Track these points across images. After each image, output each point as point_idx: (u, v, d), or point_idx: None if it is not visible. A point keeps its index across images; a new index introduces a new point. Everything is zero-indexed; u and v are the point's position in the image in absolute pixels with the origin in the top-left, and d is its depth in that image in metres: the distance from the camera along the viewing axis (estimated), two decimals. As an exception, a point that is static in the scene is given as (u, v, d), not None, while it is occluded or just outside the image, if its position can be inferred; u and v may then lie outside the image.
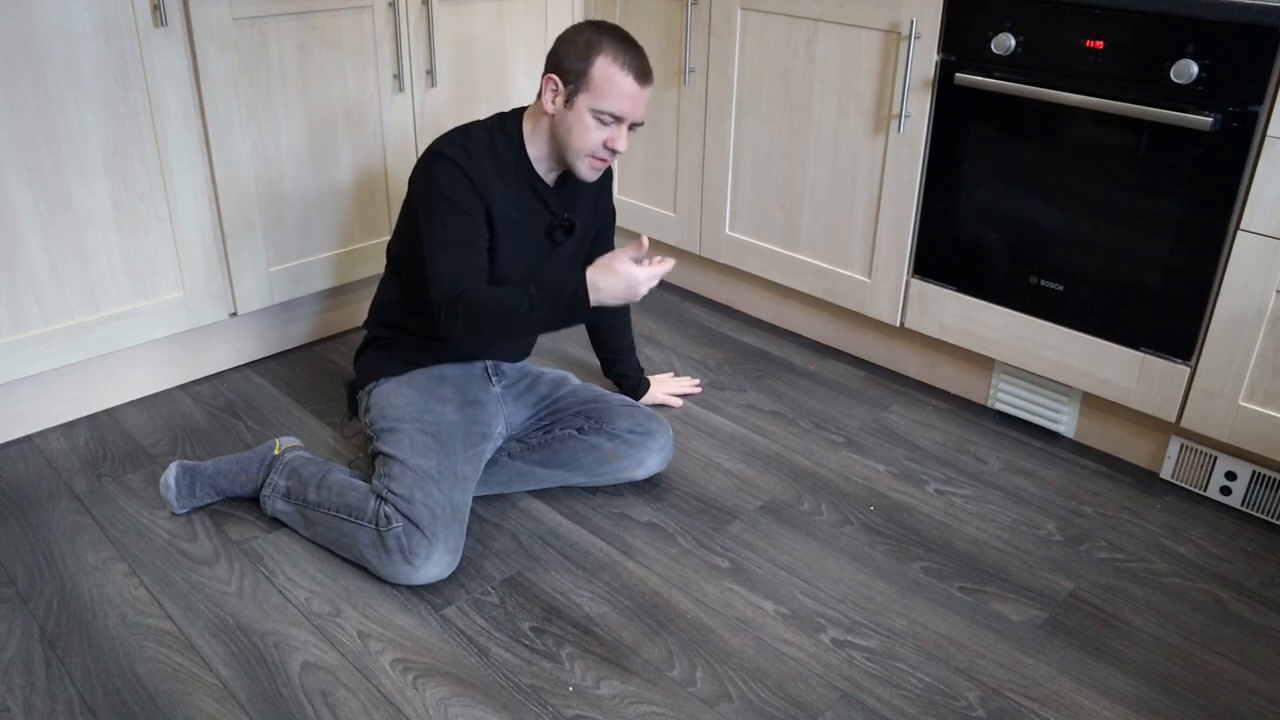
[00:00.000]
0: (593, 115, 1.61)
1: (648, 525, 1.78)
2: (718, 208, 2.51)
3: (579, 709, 1.40)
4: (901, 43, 2.03)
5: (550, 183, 1.73)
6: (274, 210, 2.17)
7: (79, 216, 1.89)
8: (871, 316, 2.29)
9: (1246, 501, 1.87)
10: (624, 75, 1.59)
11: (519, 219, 1.70)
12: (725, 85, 2.39)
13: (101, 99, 1.86)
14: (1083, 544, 1.77)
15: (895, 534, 1.78)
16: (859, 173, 2.20)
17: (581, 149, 1.63)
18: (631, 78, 1.60)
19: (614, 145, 1.63)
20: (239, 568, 1.64)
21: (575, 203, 1.79)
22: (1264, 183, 1.65)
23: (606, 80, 1.59)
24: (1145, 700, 1.45)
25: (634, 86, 1.60)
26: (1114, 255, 1.86)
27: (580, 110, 1.61)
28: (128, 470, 1.89)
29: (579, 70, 1.60)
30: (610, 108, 1.60)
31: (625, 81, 1.60)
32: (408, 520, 1.56)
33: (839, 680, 1.46)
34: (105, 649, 1.47)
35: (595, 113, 1.60)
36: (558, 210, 1.74)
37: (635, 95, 1.61)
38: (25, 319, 1.88)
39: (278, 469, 1.73)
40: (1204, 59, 1.66)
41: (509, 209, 1.68)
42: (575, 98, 1.61)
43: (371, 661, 1.46)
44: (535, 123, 1.68)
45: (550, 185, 1.73)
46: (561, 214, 1.75)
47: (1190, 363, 1.82)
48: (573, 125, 1.62)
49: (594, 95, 1.60)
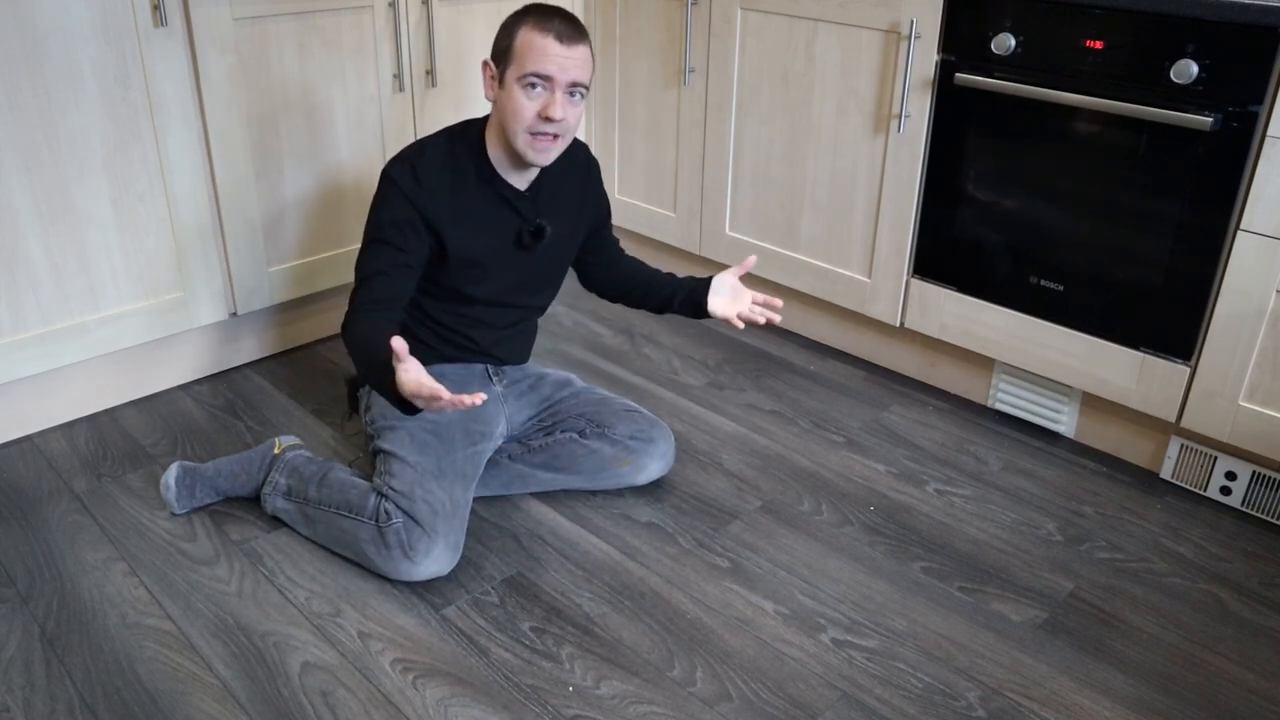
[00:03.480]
0: (520, 86, 1.56)
1: (648, 525, 1.78)
2: (718, 207, 2.51)
3: (579, 709, 1.40)
4: (901, 43, 2.04)
5: (522, 187, 1.70)
6: (274, 210, 2.17)
7: (79, 216, 1.89)
8: (871, 316, 2.29)
9: (1246, 501, 1.87)
10: (543, 36, 1.54)
11: (483, 227, 1.67)
12: (725, 85, 2.39)
13: (101, 99, 1.86)
14: (1083, 544, 1.77)
15: (895, 534, 1.78)
16: (859, 173, 2.20)
17: (518, 126, 1.58)
18: (551, 37, 1.54)
19: (548, 113, 1.55)
20: (239, 568, 1.64)
21: (555, 204, 1.75)
22: (1264, 183, 1.65)
23: (527, 45, 1.54)
24: (1145, 700, 1.45)
25: (555, 44, 1.54)
26: (1114, 255, 1.86)
27: (510, 84, 1.57)
28: (128, 470, 1.89)
29: (505, 47, 1.58)
30: (533, 68, 1.54)
31: (544, 41, 1.54)
32: (408, 516, 1.57)
33: (839, 680, 1.46)
34: (105, 649, 1.47)
35: (522, 81, 1.56)
36: (529, 215, 1.70)
37: (560, 53, 1.54)
38: (25, 319, 1.88)
39: (278, 467, 1.73)
40: (1204, 59, 1.66)
41: (467, 221, 1.65)
42: (505, 75, 1.58)
43: (371, 661, 1.46)
44: (491, 122, 1.66)
45: (522, 190, 1.70)
46: (532, 218, 1.71)
47: (1190, 363, 1.82)
48: (508, 104, 1.58)
49: (519, 64, 1.55)
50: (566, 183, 1.77)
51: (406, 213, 1.60)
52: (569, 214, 1.79)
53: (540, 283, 1.80)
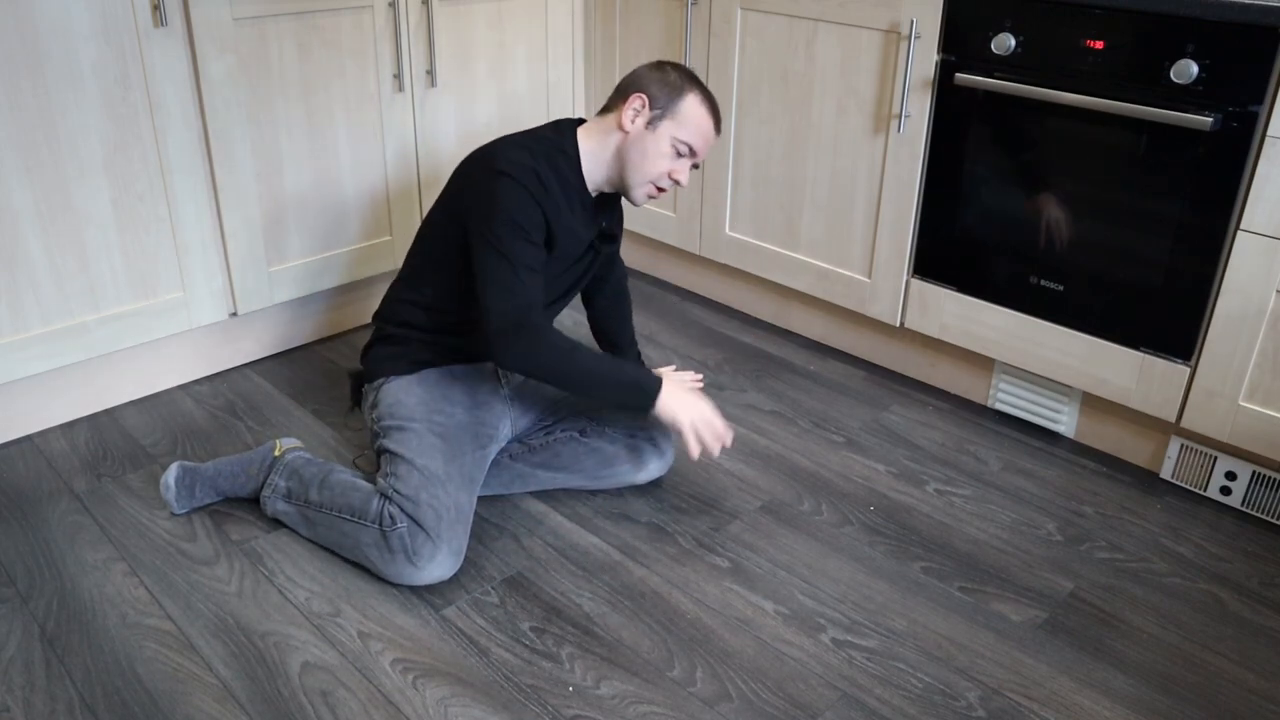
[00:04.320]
0: (672, 143, 1.66)
1: (648, 525, 1.78)
2: (718, 208, 2.52)
3: (579, 709, 1.40)
4: (901, 43, 2.04)
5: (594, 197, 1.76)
6: (274, 210, 2.17)
7: (79, 216, 1.89)
8: (871, 316, 2.30)
9: (1246, 501, 1.87)
10: (708, 118, 1.68)
11: (574, 236, 1.72)
12: (725, 85, 2.39)
13: (101, 99, 1.86)
14: (1083, 544, 1.78)
15: (895, 534, 1.78)
16: (859, 173, 2.20)
17: (649, 174, 1.68)
18: (713, 123, 1.70)
19: (678, 176, 1.69)
20: (239, 568, 1.64)
21: (612, 213, 1.83)
22: (1264, 183, 1.65)
23: (694, 116, 1.67)
24: (1145, 700, 1.45)
25: (713, 131, 1.70)
26: (1114, 255, 1.86)
27: (662, 135, 1.66)
28: (128, 470, 1.89)
29: (669, 100, 1.66)
30: (690, 139, 1.67)
31: (708, 123, 1.68)
32: (413, 521, 1.56)
33: (839, 680, 1.46)
34: (105, 649, 1.47)
35: (676, 141, 1.66)
36: (599, 221, 1.79)
37: (711, 139, 1.70)
38: (25, 319, 1.88)
39: (278, 470, 1.73)
40: (1204, 59, 1.66)
41: (568, 228, 1.70)
42: (660, 122, 1.66)
43: (371, 661, 1.46)
44: (601, 141, 1.69)
45: (594, 199, 1.76)
46: (602, 224, 1.79)
47: (1190, 363, 1.82)
48: (649, 148, 1.66)
49: (679, 125, 1.66)
50: (613, 198, 1.83)
51: (535, 215, 1.62)
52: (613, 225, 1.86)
53: (577, 287, 1.83)
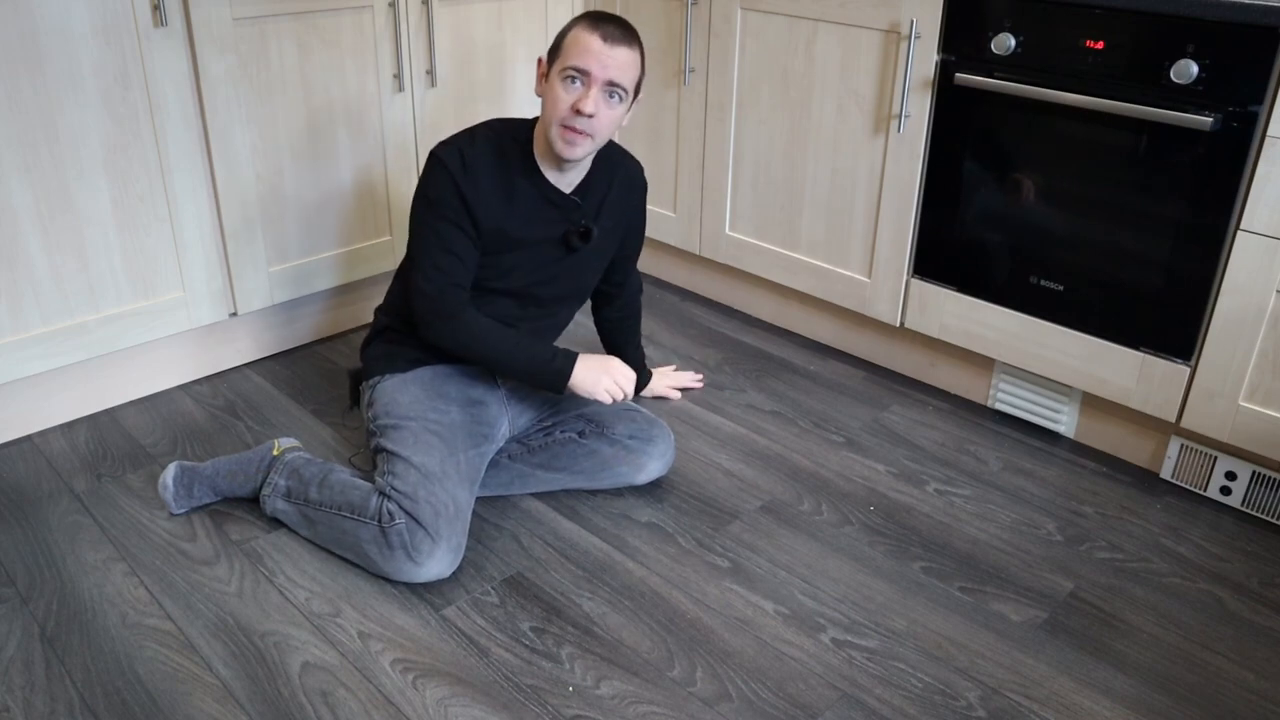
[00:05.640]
0: (561, 79, 1.61)
1: (648, 525, 1.78)
2: (718, 208, 2.52)
3: (579, 709, 1.40)
4: (901, 43, 2.04)
5: (567, 189, 1.73)
6: (274, 210, 2.17)
7: (79, 216, 1.89)
8: (871, 316, 2.30)
9: (1246, 501, 1.87)
10: (589, 34, 1.59)
11: (527, 227, 1.69)
12: (725, 85, 2.39)
13: (101, 99, 1.86)
14: (1083, 544, 1.77)
15: (895, 534, 1.78)
16: (859, 173, 2.20)
17: (553, 117, 1.62)
18: (597, 35, 1.59)
19: (580, 106, 1.59)
20: (239, 568, 1.64)
21: (599, 211, 1.78)
22: (1264, 183, 1.65)
23: (574, 41, 1.61)
24: (1145, 700, 1.45)
25: (598, 42, 1.58)
26: (1114, 255, 1.86)
27: (554, 78, 1.63)
28: (128, 470, 1.89)
29: (556, 44, 1.64)
30: (573, 62, 1.59)
31: (589, 38, 1.59)
32: (411, 517, 1.57)
33: (839, 680, 1.46)
34: (105, 649, 1.47)
35: (562, 74, 1.61)
36: (575, 217, 1.74)
37: (601, 50, 1.58)
38: (25, 319, 1.88)
39: (277, 469, 1.73)
40: (1204, 59, 1.66)
41: (510, 218, 1.67)
42: (550, 69, 1.64)
43: (371, 661, 1.46)
44: (539, 122, 1.68)
45: (568, 192, 1.73)
46: (578, 220, 1.75)
47: (1190, 363, 1.82)
48: (547, 96, 1.64)
49: (563, 58, 1.61)
50: (613, 193, 1.80)
51: (447, 193, 1.63)
52: (609, 226, 1.81)
53: (567, 287, 1.81)
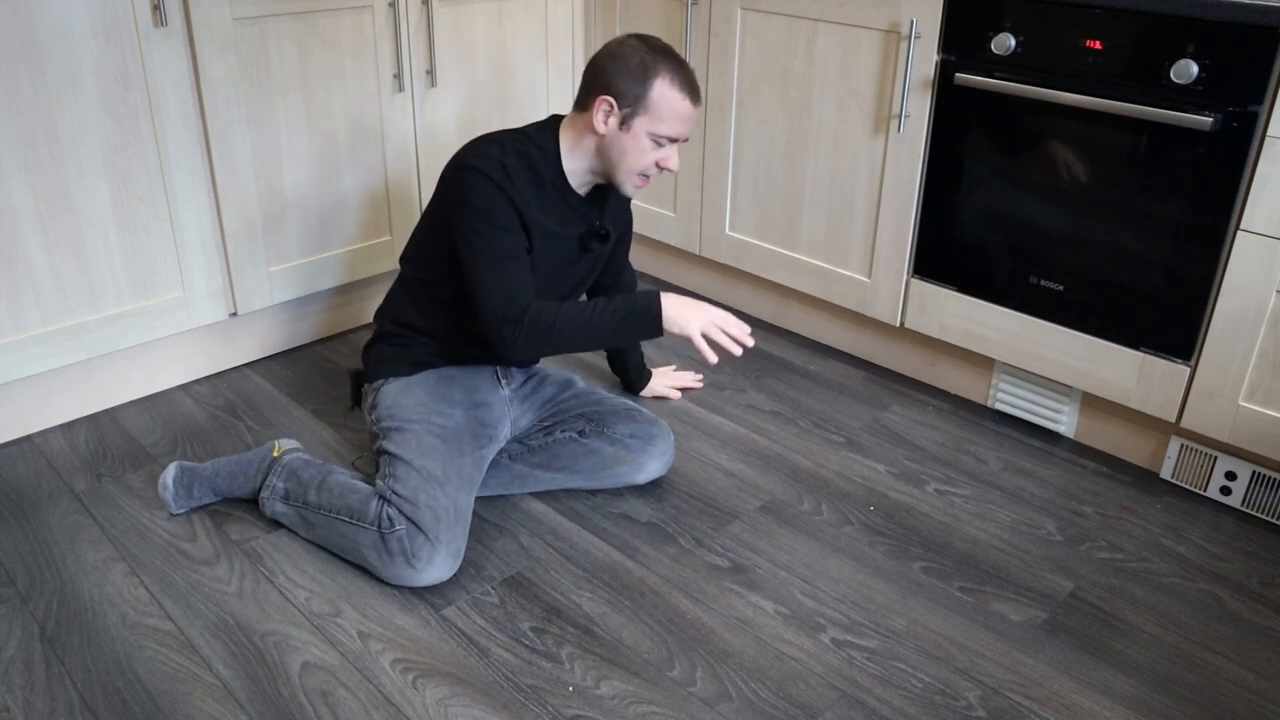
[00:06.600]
0: (650, 138, 1.61)
1: (648, 525, 1.78)
2: (718, 208, 2.51)
3: (579, 709, 1.40)
4: (901, 43, 2.04)
5: (582, 194, 1.73)
6: (274, 210, 2.17)
7: (79, 216, 1.89)
8: (871, 316, 2.30)
9: (1246, 501, 1.87)
10: (682, 98, 1.59)
11: (554, 231, 1.69)
12: (725, 85, 2.39)
13: (101, 99, 1.86)
14: (1083, 544, 1.77)
15: (895, 534, 1.78)
16: (859, 173, 2.20)
17: (634, 168, 1.63)
18: (689, 101, 1.60)
19: (666, 165, 1.64)
20: (239, 568, 1.64)
21: (604, 211, 1.79)
22: (1264, 183, 1.65)
23: (665, 104, 1.59)
24: (1145, 700, 1.45)
25: (690, 109, 1.61)
26: (1114, 255, 1.86)
27: (638, 133, 1.60)
28: (128, 470, 1.89)
29: (636, 94, 1.58)
30: (668, 131, 1.60)
31: (683, 105, 1.60)
32: (411, 523, 1.56)
33: (839, 680, 1.46)
34: (105, 649, 1.47)
35: (653, 136, 1.61)
36: (591, 219, 1.75)
37: (690, 116, 1.62)
38: (25, 319, 1.88)
39: (277, 471, 1.73)
40: (1204, 59, 1.66)
41: (544, 222, 1.67)
42: (632, 120, 1.60)
43: (371, 661, 1.46)
44: (577, 139, 1.66)
45: (582, 196, 1.73)
46: (594, 222, 1.76)
47: (1190, 363, 1.82)
48: (628, 147, 1.61)
49: (652, 119, 1.59)
50: (614, 194, 1.79)
51: (501, 202, 1.60)
52: (612, 222, 1.83)
53: (573, 285, 1.82)
